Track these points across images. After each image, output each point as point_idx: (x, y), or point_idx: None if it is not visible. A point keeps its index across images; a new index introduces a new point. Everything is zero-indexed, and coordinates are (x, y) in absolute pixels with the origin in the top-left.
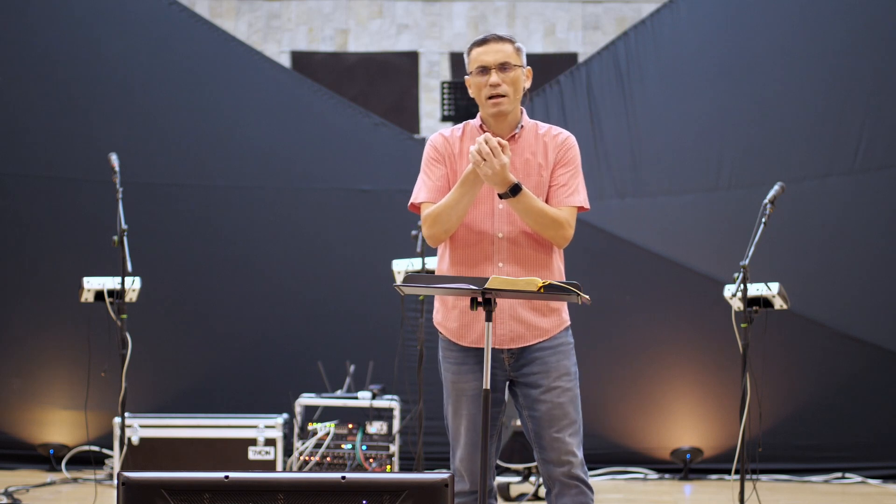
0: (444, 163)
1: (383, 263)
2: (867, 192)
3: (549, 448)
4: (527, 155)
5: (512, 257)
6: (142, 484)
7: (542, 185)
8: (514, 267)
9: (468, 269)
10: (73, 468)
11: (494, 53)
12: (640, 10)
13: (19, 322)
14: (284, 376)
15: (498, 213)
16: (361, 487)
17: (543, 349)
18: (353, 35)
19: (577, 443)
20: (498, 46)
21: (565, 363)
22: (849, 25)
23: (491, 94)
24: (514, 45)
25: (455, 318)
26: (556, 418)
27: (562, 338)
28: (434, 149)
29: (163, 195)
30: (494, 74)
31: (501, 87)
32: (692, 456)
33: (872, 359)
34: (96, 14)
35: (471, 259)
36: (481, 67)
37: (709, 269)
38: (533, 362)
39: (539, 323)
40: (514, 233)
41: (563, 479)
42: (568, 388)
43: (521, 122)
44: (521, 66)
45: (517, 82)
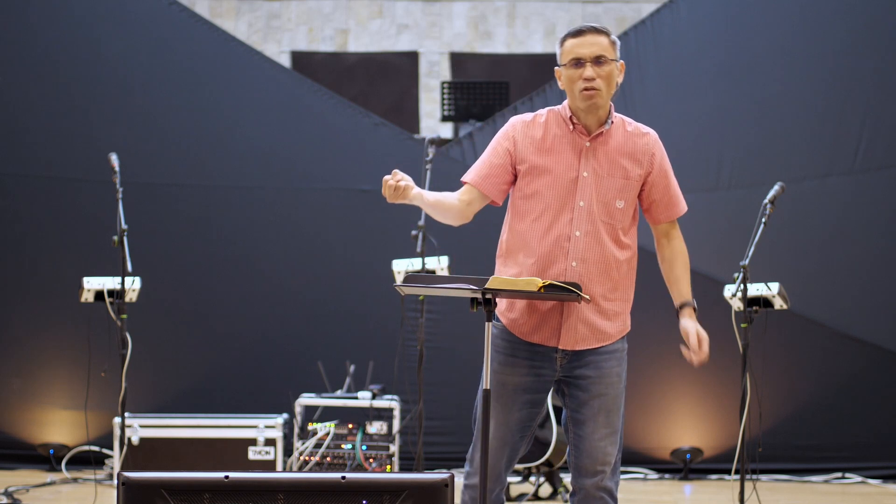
0: (511, 152)
1: (383, 263)
2: (867, 192)
3: (585, 454)
4: (613, 155)
5: (586, 257)
6: (142, 484)
7: (626, 188)
8: (586, 267)
9: (542, 268)
10: (73, 468)
11: (590, 46)
12: (640, 10)
13: (19, 322)
14: (284, 376)
15: (578, 210)
16: (361, 487)
17: (599, 353)
18: (353, 35)
19: (614, 453)
20: (594, 39)
21: (618, 370)
22: (849, 25)
23: (584, 88)
24: (610, 38)
25: (524, 311)
26: (601, 425)
27: (619, 343)
28: (506, 135)
29: (163, 195)
30: (589, 68)
31: (596, 81)
32: (692, 456)
33: (872, 359)
34: (96, 14)
35: (547, 256)
36: (576, 60)
37: (709, 269)
38: (588, 365)
39: (605, 328)
40: (591, 232)
41: (592, 489)
42: (616, 395)
43: (611, 118)
44: (616, 60)
45: (611, 77)
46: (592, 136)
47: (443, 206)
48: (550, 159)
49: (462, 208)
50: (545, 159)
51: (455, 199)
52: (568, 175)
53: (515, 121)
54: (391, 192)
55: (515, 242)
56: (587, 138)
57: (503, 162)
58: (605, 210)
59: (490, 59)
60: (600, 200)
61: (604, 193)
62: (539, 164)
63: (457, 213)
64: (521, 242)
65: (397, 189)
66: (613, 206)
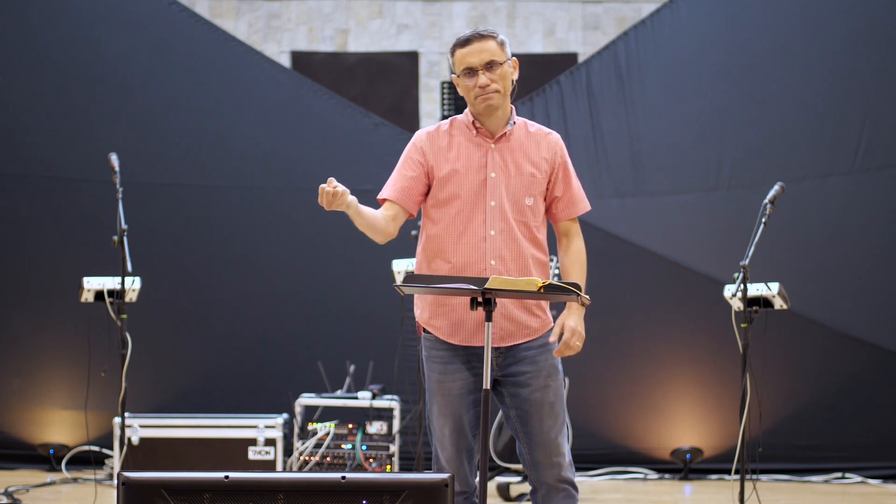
0: (422, 163)
1: (383, 263)
2: (867, 192)
3: (539, 448)
4: (518, 155)
5: (503, 254)
6: (142, 484)
7: (532, 184)
8: (504, 264)
9: (460, 269)
10: (73, 468)
11: (479, 54)
12: (640, 10)
13: (19, 322)
14: (284, 376)
15: (490, 210)
16: (361, 487)
17: (531, 348)
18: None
19: (565, 443)
20: (481, 45)
21: (553, 362)
22: (849, 25)
23: (479, 95)
24: (497, 39)
25: (444, 315)
26: (547, 417)
27: (547, 337)
28: (415, 147)
29: (163, 195)
30: (482, 75)
31: (490, 86)
32: (692, 456)
33: (872, 359)
34: (96, 14)
35: (465, 257)
36: (468, 69)
37: (709, 269)
38: (521, 361)
39: (528, 322)
40: (505, 230)
41: (553, 482)
42: (556, 386)
43: (513, 118)
44: (507, 60)
45: (505, 78)
46: (496, 138)
47: (374, 221)
48: (458, 164)
49: (387, 224)
50: (453, 164)
51: (381, 216)
52: (476, 177)
53: (420, 133)
54: (327, 199)
55: (432, 249)
56: (491, 140)
57: (417, 174)
58: (516, 208)
59: None
60: (510, 199)
61: (513, 192)
62: (448, 170)
63: (383, 230)
64: (437, 248)
65: (334, 195)
66: (523, 203)
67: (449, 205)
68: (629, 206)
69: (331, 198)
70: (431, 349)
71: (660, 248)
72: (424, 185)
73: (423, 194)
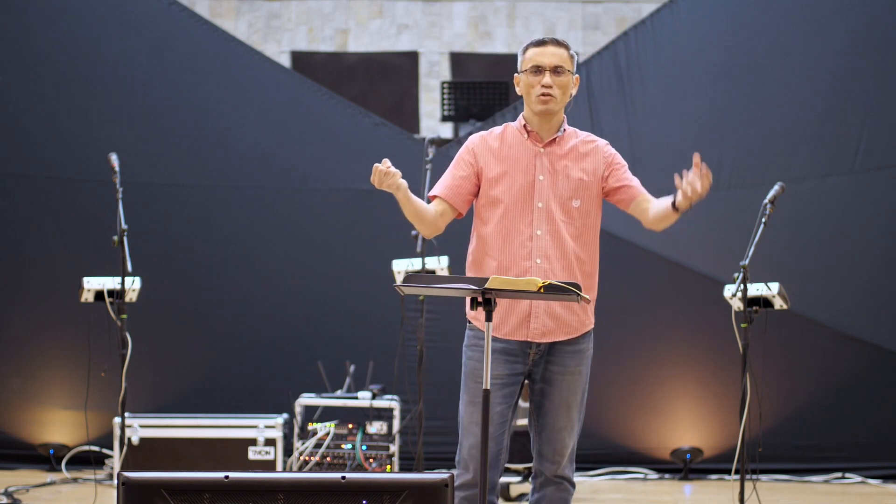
0: (473, 164)
1: (383, 263)
2: (867, 192)
3: (546, 442)
4: (566, 160)
5: (549, 254)
6: (142, 484)
7: (580, 187)
8: (549, 263)
9: (506, 267)
10: (73, 468)
11: (551, 56)
12: (640, 10)
13: (19, 322)
14: (284, 376)
15: (537, 211)
16: (361, 487)
17: (565, 352)
18: (353, 35)
19: (572, 444)
20: (555, 50)
21: (581, 368)
22: (849, 25)
23: (541, 93)
24: (570, 51)
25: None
26: (562, 418)
27: (584, 343)
28: (467, 149)
29: (163, 195)
30: (548, 76)
31: (553, 88)
32: (692, 456)
33: (872, 359)
34: (96, 14)
35: (511, 255)
36: (536, 67)
37: (709, 269)
38: (555, 362)
39: (569, 321)
40: (551, 231)
41: (550, 475)
42: (578, 392)
43: (563, 126)
44: (573, 73)
45: (566, 87)
46: (545, 142)
47: (422, 210)
48: (508, 166)
49: (436, 219)
50: (503, 166)
51: (430, 209)
52: (525, 179)
53: (474, 136)
54: (379, 177)
55: (481, 248)
56: (541, 145)
57: (467, 174)
58: (563, 210)
59: (490, 59)
60: (557, 201)
61: (559, 194)
62: (498, 172)
63: (431, 222)
64: (485, 247)
65: (387, 174)
66: (570, 205)
67: (497, 205)
68: None
69: (383, 176)
70: (473, 338)
71: (660, 248)
72: (474, 186)
73: (472, 194)
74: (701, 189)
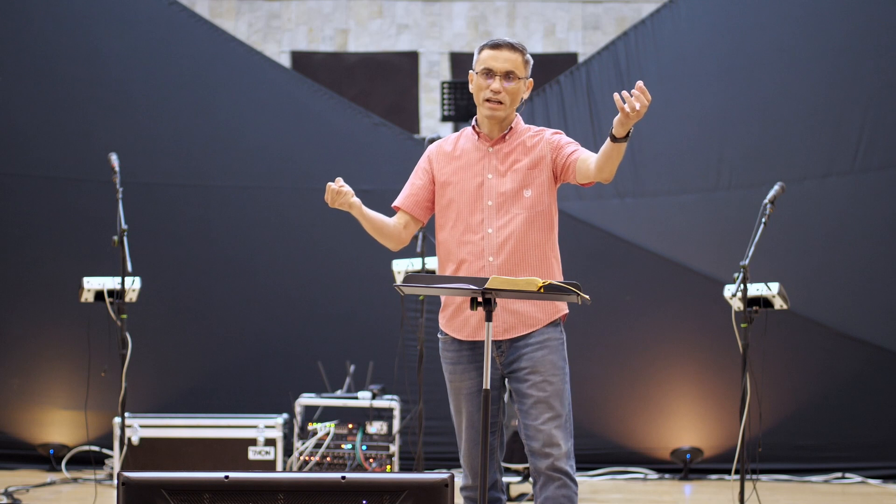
0: (428, 170)
1: (383, 264)
2: (867, 192)
3: (533, 438)
4: (514, 154)
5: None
6: (142, 484)
7: (528, 178)
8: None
9: (461, 269)
10: (73, 468)
11: (504, 61)
12: (640, 10)
13: (19, 322)
14: (284, 376)
15: (487, 210)
16: (361, 487)
17: (530, 345)
18: (353, 35)
19: (562, 435)
20: (508, 55)
21: (551, 357)
22: (849, 25)
23: (489, 98)
24: (525, 56)
25: (451, 313)
26: (541, 410)
27: (549, 333)
28: (425, 157)
29: (163, 195)
30: (497, 81)
31: (501, 94)
32: (692, 456)
33: (872, 359)
34: (96, 14)
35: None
36: (487, 70)
37: (709, 269)
38: (520, 358)
39: (531, 312)
40: (503, 226)
41: (547, 471)
42: (553, 381)
43: (512, 124)
44: (525, 79)
45: (517, 94)
46: (493, 141)
47: (381, 225)
48: (459, 168)
49: (399, 232)
50: (454, 171)
51: (393, 222)
52: (475, 180)
53: (433, 144)
54: (332, 196)
55: (442, 253)
56: (489, 144)
57: (423, 182)
58: (515, 202)
59: None
60: (507, 196)
61: (509, 188)
62: (449, 176)
63: (394, 236)
64: (445, 251)
65: (338, 193)
66: (521, 196)
67: (450, 208)
68: (629, 206)
69: (335, 195)
70: (443, 350)
71: (660, 248)
72: (431, 193)
73: (431, 201)
74: (639, 106)
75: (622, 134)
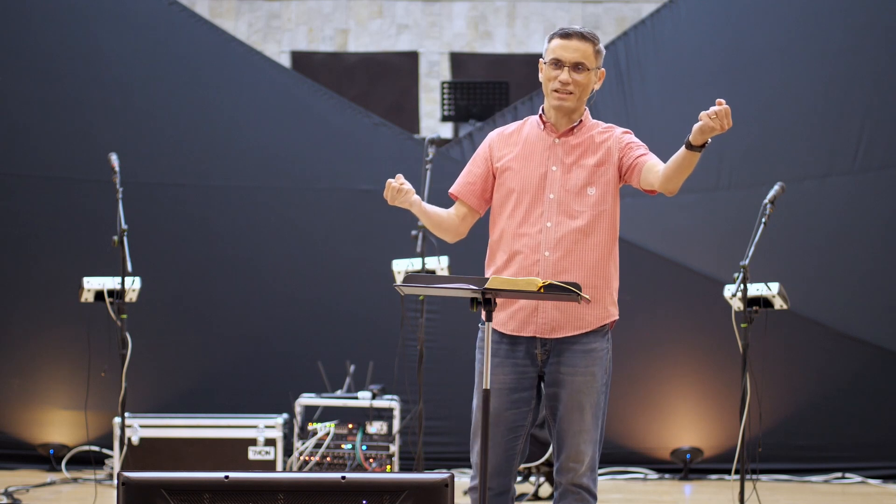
0: (488, 159)
1: (383, 263)
2: (867, 192)
3: (562, 450)
4: (581, 149)
5: (559, 246)
6: (142, 484)
7: (595, 175)
8: (559, 255)
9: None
10: (73, 468)
11: (573, 52)
12: (640, 10)
13: (19, 322)
14: (284, 376)
15: (548, 203)
16: (361, 487)
17: (576, 352)
18: (353, 35)
19: (589, 450)
20: (578, 44)
21: (594, 369)
22: (849, 25)
23: (557, 89)
24: (596, 46)
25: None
26: (575, 422)
27: (597, 341)
28: (486, 145)
29: (163, 195)
30: (566, 72)
31: (569, 86)
32: (692, 456)
33: (872, 359)
34: (96, 14)
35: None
36: (556, 60)
37: (709, 269)
38: (565, 362)
39: (581, 313)
40: (563, 222)
41: (567, 485)
42: (592, 393)
43: (582, 117)
44: (597, 69)
45: (587, 85)
46: (561, 133)
47: (439, 220)
48: (521, 157)
49: (457, 223)
50: (517, 158)
51: (450, 214)
52: (537, 170)
53: (494, 131)
54: (392, 194)
55: (496, 241)
56: (556, 135)
57: (482, 170)
58: (578, 199)
59: (490, 59)
60: (571, 191)
61: (574, 184)
62: (511, 163)
63: (453, 229)
64: (500, 239)
65: (399, 191)
66: (585, 194)
67: (509, 197)
68: (629, 206)
69: (395, 193)
70: (481, 339)
71: (660, 248)
72: (489, 183)
73: (489, 191)
74: (726, 122)
75: (700, 142)
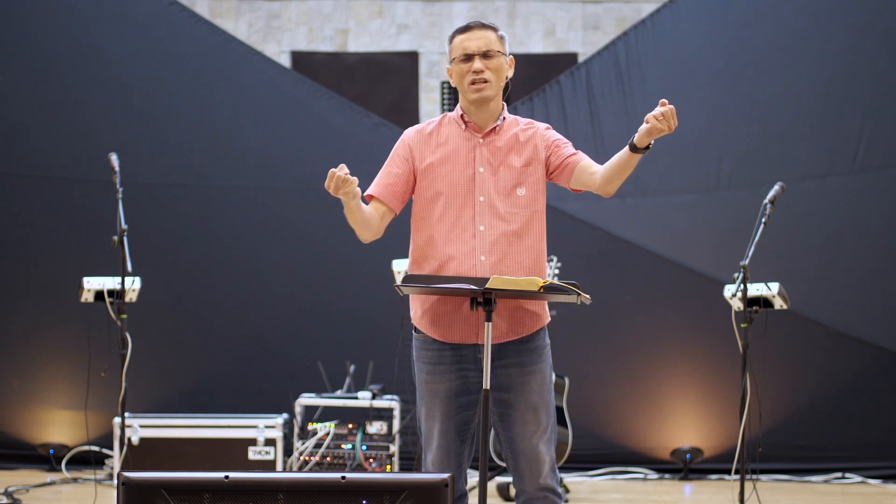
0: (408, 159)
1: (383, 263)
2: (867, 192)
3: (520, 456)
4: (507, 149)
5: (493, 250)
6: (142, 484)
7: (524, 175)
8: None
9: (447, 267)
10: (73, 468)
11: (478, 40)
12: (640, 10)
13: (19, 322)
14: (284, 376)
15: (479, 206)
16: (361, 487)
17: (520, 352)
18: (353, 35)
19: (546, 449)
20: (481, 34)
21: (540, 366)
22: (849, 25)
23: (473, 80)
24: (498, 32)
25: (433, 317)
26: (530, 423)
27: (538, 340)
28: (403, 144)
29: (163, 195)
30: (478, 61)
31: (485, 73)
32: (692, 456)
33: (872, 359)
34: (96, 14)
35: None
36: (465, 55)
37: (709, 269)
38: (509, 365)
39: (521, 318)
40: (496, 225)
41: (533, 490)
42: (542, 392)
43: (503, 114)
44: (504, 54)
45: (500, 70)
46: (484, 132)
47: (370, 217)
48: (446, 157)
49: (377, 223)
50: (440, 158)
51: (373, 214)
52: (465, 172)
53: (409, 130)
54: (337, 184)
55: (423, 245)
56: (480, 135)
57: (402, 170)
58: (508, 201)
59: None
60: (500, 193)
61: (503, 186)
62: (436, 164)
63: (375, 227)
64: (427, 244)
65: (344, 181)
66: (515, 195)
67: (437, 200)
68: (629, 206)
69: (340, 182)
70: (420, 349)
71: (660, 248)
72: (410, 183)
73: (408, 192)
74: (673, 123)
75: (645, 143)
